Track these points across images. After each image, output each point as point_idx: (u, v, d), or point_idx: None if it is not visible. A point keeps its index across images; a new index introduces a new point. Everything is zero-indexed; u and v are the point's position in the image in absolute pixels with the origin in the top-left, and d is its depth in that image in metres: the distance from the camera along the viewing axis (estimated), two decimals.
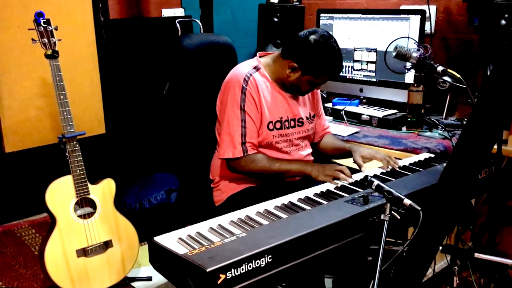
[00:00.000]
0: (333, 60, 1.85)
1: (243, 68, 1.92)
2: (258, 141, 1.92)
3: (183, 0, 3.50)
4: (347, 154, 2.06)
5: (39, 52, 2.15)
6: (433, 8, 2.73)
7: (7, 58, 2.46)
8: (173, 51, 2.20)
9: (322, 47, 1.82)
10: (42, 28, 2.13)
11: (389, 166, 1.91)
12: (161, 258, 1.30)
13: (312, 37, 1.82)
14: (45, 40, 2.13)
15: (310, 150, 2.12)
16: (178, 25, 2.94)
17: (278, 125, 1.95)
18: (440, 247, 1.66)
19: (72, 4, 2.63)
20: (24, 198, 2.99)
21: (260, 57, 2.00)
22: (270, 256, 1.21)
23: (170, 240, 1.31)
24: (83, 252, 2.22)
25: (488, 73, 2.26)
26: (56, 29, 2.16)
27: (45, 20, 2.13)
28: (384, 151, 2.22)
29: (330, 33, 1.88)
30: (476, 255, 1.64)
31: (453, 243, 2.43)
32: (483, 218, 2.68)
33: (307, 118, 2.06)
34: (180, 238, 1.32)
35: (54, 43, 2.15)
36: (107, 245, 2.28)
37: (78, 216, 2.21)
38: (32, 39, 2.13)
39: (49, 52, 2.14)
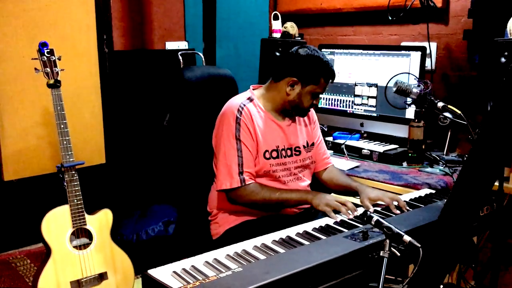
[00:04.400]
0: (326, 62, 1.95)
1: (236, 100, 1.95)
2: (256, 171, 1.91)
3: (187, 33, 3.55)
4: (353, 192, 2.03)
5: (42, 82, 2.17)
6: (433, 45, 2.76)
7: (11, 86, 2.48)
8: (174, 83, 2.22)
9: (313, 54, 1.94)
10: (46, 58, 2.15)
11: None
12: None
13: (301, 50, 1.95)
14: (48, 69, 2.15)
15: (308, 181, 2.10)
16: (180, 57, 2.97)
17: (274, 154, 1.95)
18: (442, 286, 1.62)
19: (77, 35, 2.67)
20: (20, 227, 2.96)
21: (253, 89, 2.04)
22: None
23: (164, 274, 1.28)
24: (78, 284, 2.18)
25: (488, 109, 2.26)
26: (59, 59, 2.19)
27: (49, 50, 2.16)
28: (385, 186, 2.20)
29: None
30: None
31: (455, 281, 2.38)
32: (485, 256, 2.63)
33: (304, 146, 2.06)
34: (174, 272, 1.29)
35: (57, 72, 2.17)
36: (102, 277, 2.24)
37: (74, 247, 2.18)
38: (35, 69, 2.15)
39: (51, 81, 2.16)
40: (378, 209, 1.83)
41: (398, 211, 1.78)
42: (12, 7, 2.43)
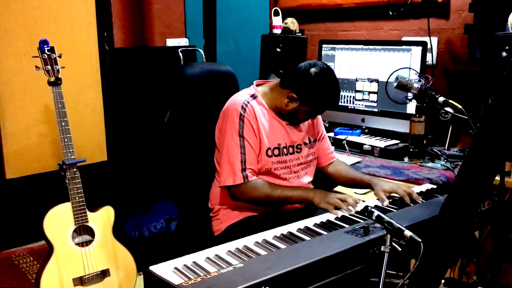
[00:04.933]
0: (332, 93, 1.89)
1: (240, 97, 1.94)
2: (258, 168, 1.91)
3: (188, 30, 3.55)
4: (365, 186, 2.03)
5: (43, 79, 2.17)
6: (434, 40, 2.75)
7: (12, 85, 2.48)
8: (175, 80, 2.22)
9: (322, 81, 1.85)
10: (46, 56, 2.15)
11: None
12: None
13: (312, 70, 1.85)
14: (49, 67, 2.15)
15: (310, 179, 2.10)
16: (180, 54, 2.97)
17: (276, 151, 1.95)
18: (443, 281, 1.62)
19: (78, 32, 2.66)
20: (23, 225, 2.97)
21: (257, 85, 2.02)
22: (267, 287, 1.18)
23: (166, 270, 1.28)
24: (80, 281, 2.18)
25: (489, 104, 2.26)
26: (60, 56, 2.19)
27: (49, 47, 2.15)
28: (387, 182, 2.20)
29: (329, 65, 1.91)
30: None
31: (457, 276, 2.38)
32: (487, 251, 2.63)
33: (305, 144, 2.05)
34: (175, 268, 1.30)
35: (58, 70, 2.17)
36: (104, 274, 2.24)
37: (76, 244, 2.19)
38: (36, 67, 2.15)
39: (52, 79, 2.15)
40: (379, 203, 1.83)
41: (411, 204, 1.82)
42: (13, 5, 2.43)
